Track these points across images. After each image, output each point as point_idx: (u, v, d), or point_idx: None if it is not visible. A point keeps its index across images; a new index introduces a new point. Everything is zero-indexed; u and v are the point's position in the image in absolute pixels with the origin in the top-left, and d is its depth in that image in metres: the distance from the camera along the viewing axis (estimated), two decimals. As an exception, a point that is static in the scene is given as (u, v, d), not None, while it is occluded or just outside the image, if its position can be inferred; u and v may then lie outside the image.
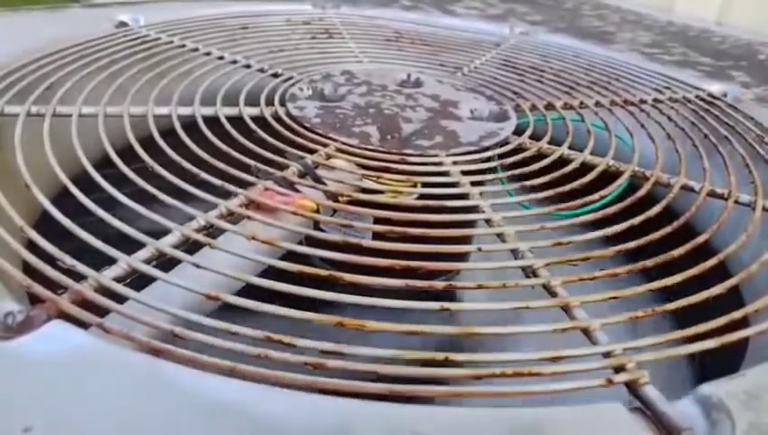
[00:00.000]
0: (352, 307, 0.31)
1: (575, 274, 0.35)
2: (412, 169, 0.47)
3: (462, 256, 0.45)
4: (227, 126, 0.50)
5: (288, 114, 0.53)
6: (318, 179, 0.44)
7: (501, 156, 0.51)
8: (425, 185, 0.45)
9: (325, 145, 0.49)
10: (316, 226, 0.42)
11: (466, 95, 0.62)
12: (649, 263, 0.37)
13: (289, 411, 0.24)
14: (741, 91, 0.76)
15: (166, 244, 0.34)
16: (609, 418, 0.26)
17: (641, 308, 0.33)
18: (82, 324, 0.28)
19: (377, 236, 0.38)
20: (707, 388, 0.27)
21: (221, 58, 0.65)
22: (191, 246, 0.35)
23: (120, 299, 0.30)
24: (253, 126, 0.50)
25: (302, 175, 0.45)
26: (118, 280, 0.31)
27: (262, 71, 0.64)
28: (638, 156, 0.52)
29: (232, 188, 0.40)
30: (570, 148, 0.53)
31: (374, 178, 0.45)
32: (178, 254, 0.34)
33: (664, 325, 0.36)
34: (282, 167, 0.45)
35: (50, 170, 0.40)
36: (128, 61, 0.59)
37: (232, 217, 0.39)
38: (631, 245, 0.39)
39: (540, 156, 0.51)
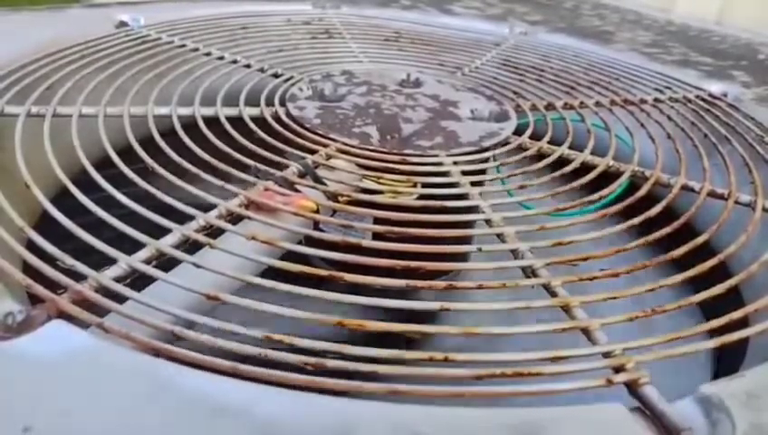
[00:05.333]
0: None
1: (575, 274, 0.35)
2: (412, 169, 0.47)
3: (462, 257, 0.45)
4: (227, 126, 0.50)
5: (288, 114, 0.53)
6: (318, 180, 0.44)
7: (501, 156, 0.51)
8: (425, 185, 0.45)
9: (325, 145, 0.48)
10: (316, 226, 0.42)
11: (466, 95, 0.62)
12: (649, 263, 0.37)
13: (289, 411, 0.24)
14: (741, 91, 0.76)
15: (166, 244, 0.34)
16: (609, 418, 0.26)
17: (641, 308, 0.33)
18: (82, 324, 0.28)
19: (377, 236, 0.38)
20: (707, 388, 0.27)
21: (221, 58, 0.65)
22: (191, 247, 0.35)
23: (120, 299, 0.30)
24: (253, 126, 0.50)
25: (302, 175, 0.45)
26: (118, 280, 0.32)
27: (262, 71, 0.64)
28: (638, 156, 0.52)
29: (232, 188, 0.40)
30: (570, 148, 0.53)
31: (374, 179, 0.45)
32: (178, 254, 0.34)
33: (663, 325, 0.36)
34: (282, 167, 0.45)
35: (50, 170, 0.40)
36: (128, 61, 0.59)
37: (232, 218, 0.39)
38: (631, 245, 0.39)
39: (540, 156, 0.51)
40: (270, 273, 0.33)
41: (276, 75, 0.64)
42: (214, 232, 0.37)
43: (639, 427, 0.26)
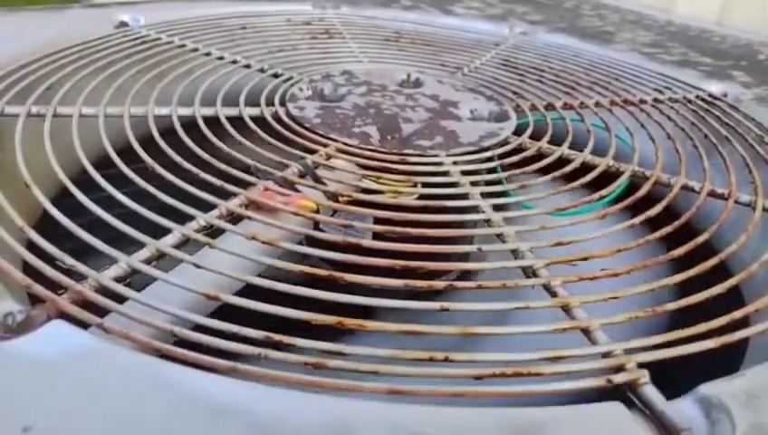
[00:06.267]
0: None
1: (575, 274, 0.35)
2: (412, 169, 0.47)
3: (462, 257, 0.45)
4: (227, 126, 0.50)
5: (288, 114, 0.53)
6: (318, 180, 0.44)
7: (501, 156, 0.51)
8: (425, 185, 0.45)
9: (325, 145, 0.49)
10: (316, 226, 0.42)
11: (466, 95, 0.62)
12: (649, 263, 0.37)
13: (289, 411, 0.24)
14: (741, 92, 0.76)
15: (166, 244, 0.34)
16: (608, 418, 0.26)
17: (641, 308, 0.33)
18: (82, 324, 0.28)
19: (377, 236, 0.38)
20: (707, 388, 0.27)
21: (221, 58, 0.65)
22: (191, 247, 0.35)
23: (120, 299, 0.30)
24: (253, 126, 0.50)
25: (302, 175, 0.45)
26: (118, 280, 0.32)
27: (262, 71, 0.64)
28: (638, 156, 0.52)
29: (232, 188, 0.40)
30: (570, 148, 0.53)
31: (374, 179, 0.45)
32: (178, 254, 0.34)
33: (664, 325, 0.36)
34: (282, 167, 0.45)
35: (50, 170, 0.40)
36: (128, 61, 0.59)
37: (232, 218, 0.39)
38: (631, 245, 0.39)
39: (540, 156, 0.51)
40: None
41: (276, 75, 0.64)
42: (214, 232, 0.37)
43: (639, 427, 0.26)
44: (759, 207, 0.46)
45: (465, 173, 0.47)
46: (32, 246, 0.33)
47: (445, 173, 0.47)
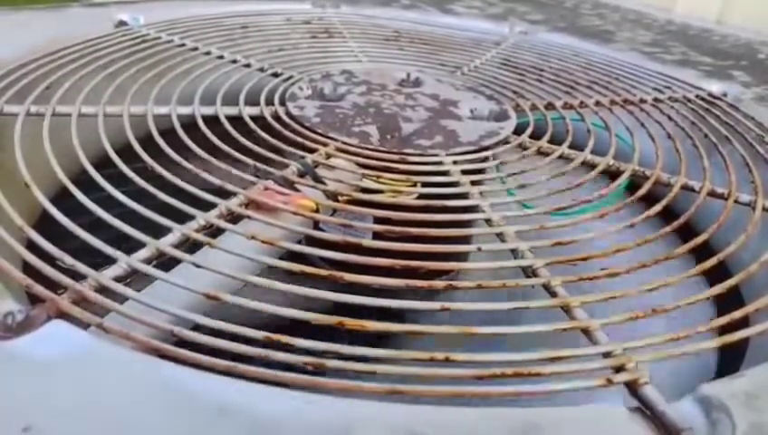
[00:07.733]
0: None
1: (575, 273, 0.35)
2: (412, 168, 0.47)
3: (462, 256, 0.45)
4: (227, 125, 0.50)
5: (288, 114, 0.53)
6: (318, 179, 0.44)
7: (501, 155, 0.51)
8: (425, 184, 0.45)
9: (325, 144, 0.48)
10: (316, 225, 0.42)
11: (466, 94, 0.62)
12: (649, 262, 0.37)
13: (289, 411, 0.24)
14: (741, 91, 0.76)
15: (166, 243, 0.34)
16: (609, 418, 0.26)
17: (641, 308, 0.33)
18: (82, 324, 0.28)
19: (377, 235, 0.38)
20: (707, 388, 0.27)
21: (221, 57, 0.65)
22: (191, 246, 0.35)
23: (120, 299, 0.30)
24: (252, 125, 0.50)
25: (301, 174, 0.45)
26: (118, 280, 0.31)
27: (262, 70, 0.64)
28: (638, 155, 0.52)
29: (232, 187, 0.40)
30: (570, 147, 0.52)
31: (374, 178, 0.45)
32: (178, 253, 0.34)
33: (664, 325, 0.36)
34: (281, 166, 0.45)
35: (50, 170, 0.40)
36: (127, 60, 0.59)
37: (232, 217, 0.39)
38: (631, 244, 0.39)
39: (540, 155, 0.51)
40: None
41: (276, 74, 0.64)
42: (214, 231, 0.37)
43: (639, 427, 0.26)
44: (759, 207, 0.46)
45: (465, 172, 0.47)
46: (32, 246, 0.33)
47: (445, 172, 0.47)
